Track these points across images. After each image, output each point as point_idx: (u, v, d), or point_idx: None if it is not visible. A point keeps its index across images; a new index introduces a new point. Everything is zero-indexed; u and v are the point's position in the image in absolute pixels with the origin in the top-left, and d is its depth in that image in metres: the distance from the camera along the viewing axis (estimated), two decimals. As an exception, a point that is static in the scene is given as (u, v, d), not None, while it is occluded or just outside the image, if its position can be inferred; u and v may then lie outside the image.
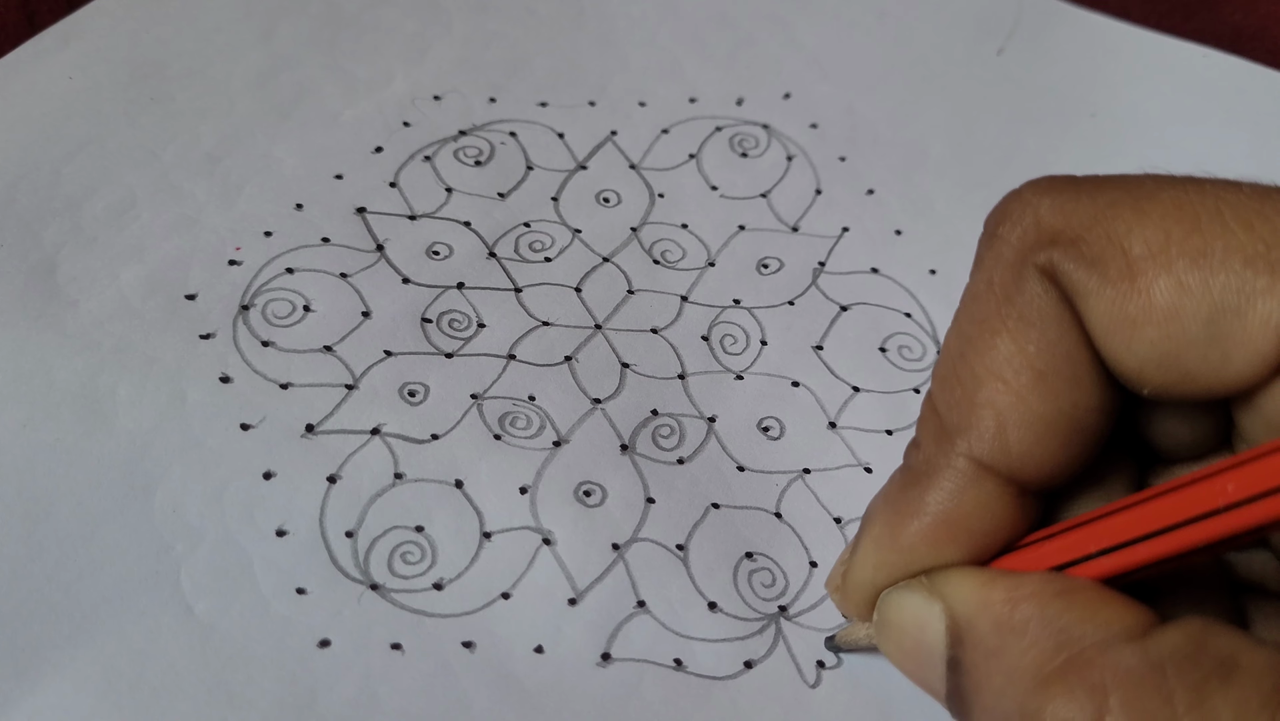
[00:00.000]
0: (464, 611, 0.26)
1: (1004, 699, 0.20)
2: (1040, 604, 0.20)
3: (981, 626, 0.20)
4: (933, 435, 0.22)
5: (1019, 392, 0.21)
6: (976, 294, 0.22)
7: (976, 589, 0.21)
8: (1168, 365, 0.20)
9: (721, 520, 0.28)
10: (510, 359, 0.30)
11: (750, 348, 0.31)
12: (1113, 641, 0.19)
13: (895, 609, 0.23)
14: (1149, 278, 0.20)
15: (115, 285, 0.29)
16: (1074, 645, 0.19)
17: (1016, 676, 0.20)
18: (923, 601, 0.22)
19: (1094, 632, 0.19)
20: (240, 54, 0.34)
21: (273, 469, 0.27)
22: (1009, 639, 0.20)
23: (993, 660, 0.20)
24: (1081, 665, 0.19)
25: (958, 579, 0.21)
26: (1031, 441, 0.21)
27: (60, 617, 0.24)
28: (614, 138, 0.35)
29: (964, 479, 0.22)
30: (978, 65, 0.38)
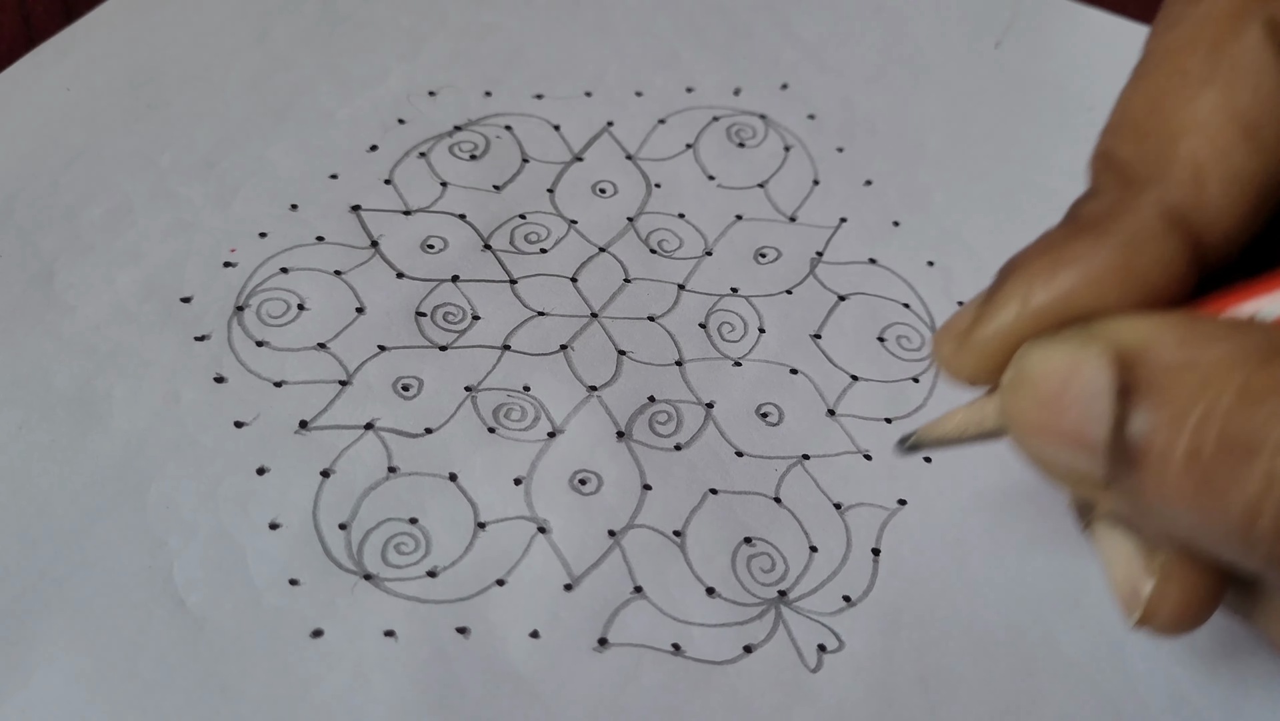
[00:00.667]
0: (458, 598, 0.26)
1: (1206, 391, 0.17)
2: (1226, 325, 0.18)
3: (1162, 347, 0.18)
4: (1114, 184, 0.21)
5: (1225, 145, 0.20)
6: (1174, 49, 0.21)
7: (1148, 321, 0.19)
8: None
9: (720, 506, 0.28)
10: (505, 349, 0.29)
11: (748, 335, 0.31)
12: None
13: (1043, 357, 0.20)
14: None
15: (112, 290, 0.29)
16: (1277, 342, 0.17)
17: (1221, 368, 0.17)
18: (1078, 345, 0.19)
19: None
20: (236, 56, 0.34)
21: (266, 464, 0.27)
22: (1198, 348, 0.18)
23: (1183, 372, 0.17)
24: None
25: (1120, 318, 0.19)
26: (1230, 196, 0.20)
27: (53, 612, 0.24)
28: (610, 128, 0.35)
29: (1149, 230, 0.20)
30: (975, 58, 0.38)
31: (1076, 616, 0.27)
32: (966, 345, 0.21)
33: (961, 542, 0.28)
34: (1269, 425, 0.16)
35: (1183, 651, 0.27)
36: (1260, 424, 0.16)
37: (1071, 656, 0.26)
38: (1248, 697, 0.26)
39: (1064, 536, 0.28)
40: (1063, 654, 0.26)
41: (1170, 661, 0.26)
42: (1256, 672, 0.27)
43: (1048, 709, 0.26)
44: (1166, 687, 0.26)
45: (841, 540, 0.28)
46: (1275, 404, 0.16)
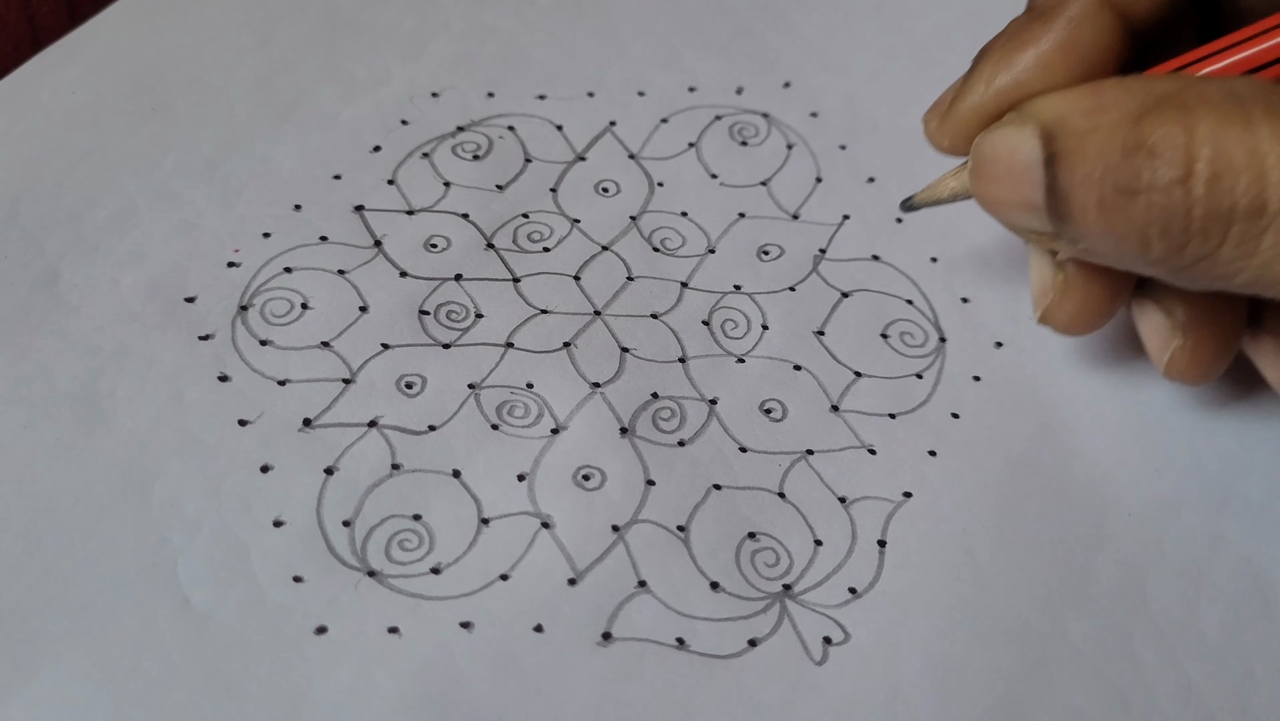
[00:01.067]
0: (462, 593, 0.26)
1: (1103, 154, 0.22)
2: (1125, 85, 0.22)
3: (1072, 117, 0.23)
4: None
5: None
6: None
7: (1064, 98, 0.23)
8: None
9: (723, 501, 0.28)
10: (508, 347, 0.29)
11: (751, 332, 0.31)
12: (1194, 83, 0.22)
13: (990, 144, 0.25)
14: None
15: (116, 291, 0.29)
16: (1159, 93, 0.22)
17: (1113, 130, 0.22)
18: (1014, 129, 0.24)
19: (1174, 84, 0.22)
20: (239, 59, 0.34)
21: (270, 462, 0.27)
22: (1099, 117, 0.22)
23: (1086, 138, 0.22)
24: (1169, 99, 0.21)
25: (1046, 99, 0.24)
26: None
27: (58, 609, 0.24)
28: (613, 128, 0.35)
29: (1085, 9, 0.25)
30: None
31: (1084, 607, 0.27)
32: (946, 121, 0.27)
33: (967, 533, 0.28)
34: (1143, 171, 0.21)
35: (1191, 641, 0.27)
36: (1137, 170, 0.21)
37: (1079, 647, 0.26)
38: (1255, 689, 0.26)
39: (1072, 528, 0.28)
40: (1070, 644, 0.26)
41: (1178, 652, 0.26)
42: (1264, 664, 0.26)
43: (1055, 699, 0.25)
44: (1174, 678, 0.26)
45: (846, 533, 0.28)
46: (1145, 154, 0.21)
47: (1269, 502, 0.29)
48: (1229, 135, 0.20)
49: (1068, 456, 0.29)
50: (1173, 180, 0.21)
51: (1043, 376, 0.31)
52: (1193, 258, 0.22)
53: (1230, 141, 0.20)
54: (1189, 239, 0.21)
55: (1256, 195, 0.20)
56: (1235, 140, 0.20)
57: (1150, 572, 0.27)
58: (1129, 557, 0.28)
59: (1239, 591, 0.27)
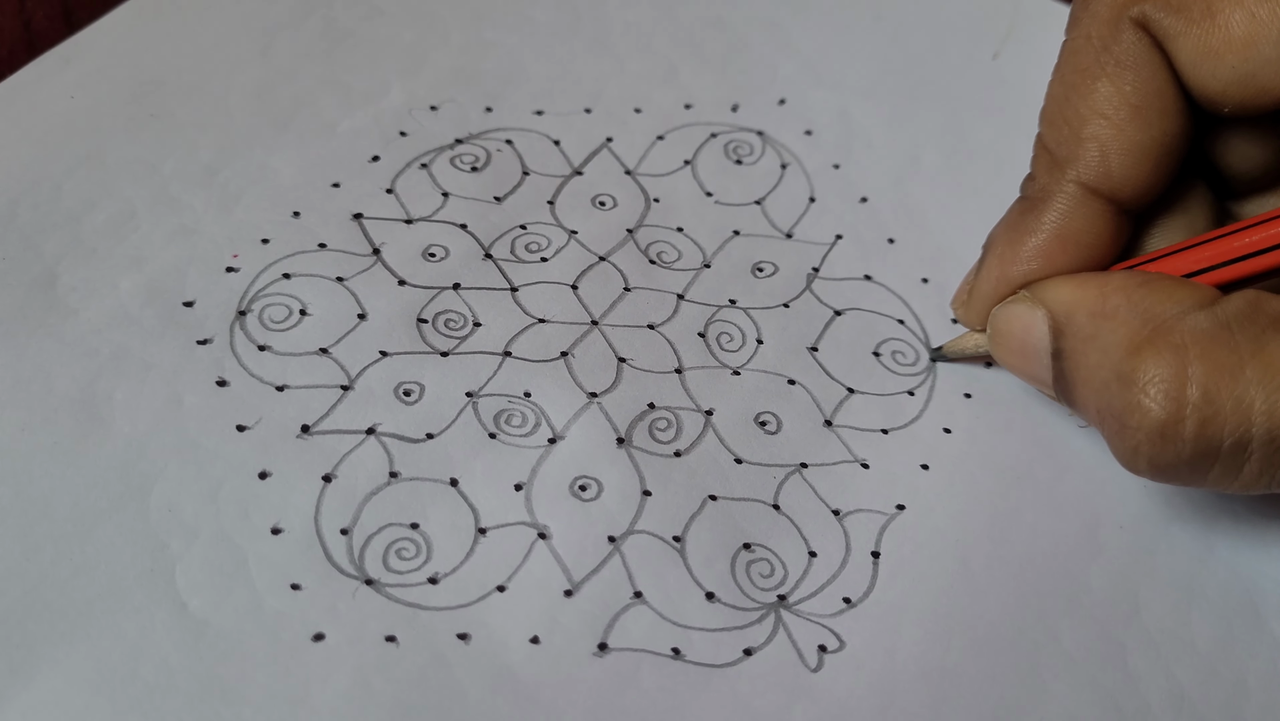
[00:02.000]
0: (459, 604, 0.26)
1: (1101, 370, 0.24)
2: (1126, 293, 0.24)
3: (1078, 318, 0.25)
4: (1045, 167, 0.27)
5: (1119, 126, 0.26)
6: (1076, 48, 0.27)
7: (1072, 289, 0.26)
8: (1246, 84, 0.25)
9: (719, 512, 0.28)
10: (506, 356, 0.30)
11: (746, 345, 0.31)
12: (1187, 311, 0.23)
13: (1005, 318, 0.27)
14: (1226, 14, 0.25)
15: (114, 294, 0.29)
16: (1156, 319, 0.23)
17: (1110, 350, 0.24)
18: (1027, 308, 0.26)
19: (1172, 308, 0.24)
20: (238, 69, 0.35)
21: (268, 469, 0.27)
22: (1102, 324, 0.24)
23: (1089, 342, 0.25)
24: (1164, 332, 0.23)
25: (1055, 284, 0.26)
26: (1130, 165, 0.26)
27: (55, 615, 0.24)
28: (610, 144, 0.35)
29: (1074, 200, 0.27)
30: (973, 70, 0.39)
31: (1077, 616, 0.27)
32: (968, 307, 0.29)
33: (961, 545, 0.28)
34: (1135, 408, 0.23)
35: (1183, 650, 0.27)
36: (1130, 405, 0.23)
37: (1073, 655, 0.27)
38: (1248, 698, 0.26)
39: (1065, 539, 0.28)
40: (1064, 653, 0.27)
41: (1170, 661, 0.27)
42: (1255, 674, 0.27)
43: (1049, 707, 0.26)
44: (1167, 686, 0.26)
45: (840, 544, 0.28)
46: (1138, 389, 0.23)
47: (1257, 518, 0.29)
48: (1219, 382, 0.22)
49: (1059, 471, 0.30)
50: (1163, 423, 0.23)
51: (1033, 395, 0.31)
52: (1177, 482, 0.24)
53: (1220, 388, 0.22)
54: (1177, 470, 0.23)
55: (1241, 436, 0.22)
56: (1225, 387, 0.22)
57: (1142, 583, 0.28)
58: (1121, 568, 0.28)
59: (1230, 602, 0.28)
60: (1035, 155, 0.28)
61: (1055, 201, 0.27)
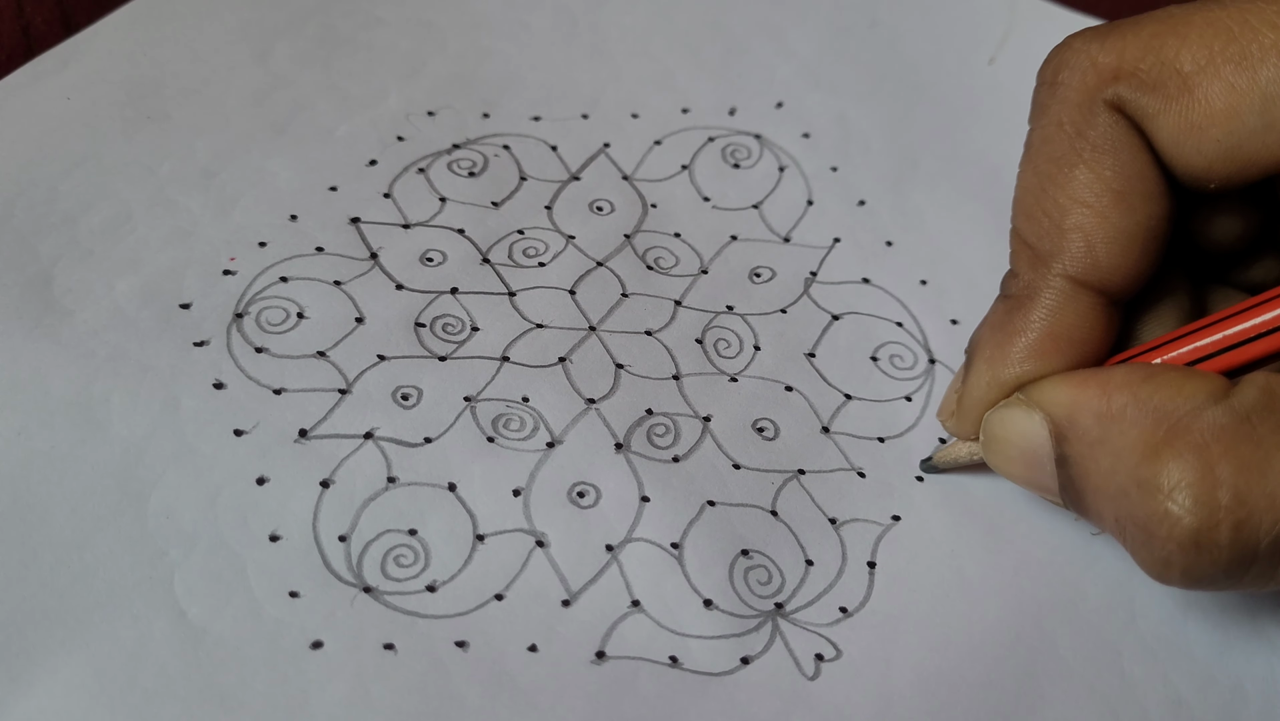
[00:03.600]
0: (457, 612, 0.26)
1: (1116, 476, 0.22)
2: (1132, 389, 0.23)
3: (1083, 421, 0.23)
4: (1028, 263, 0.26)
5: (1102, 213, 0.25)
6: (1047, 136, 0.25)
7: (1072, 389, 0.24)
8: (1232, 156, 0.24)
9: (717, 518, 0.28)
10: (504, 361, 0.30)
11: (744, 352, 0.31)
12: (1203, 407, 0.22)
13: (999, 424, 0.26)
14: (1204, 88, 0.24)
15: (110, 296, 0.29)
16: (1170, 417, 0.22)
17: (1124, 454, 0.22)
18: (1023, 413, 0.25)
19: (1185, 404, 0.22)
20: (236, 73, 0.34)
21: (266, 474, 0.27)
22: (1110, 426, 0.23)
23: (1098, 447, 0.23)
24: (1182, 432, 0.22)
25: (1052, 385, 0.24)
26: (1117, 254, 0.25)
27: (53, 622, 0.24)
28: (607, 150, 0.35)
29: (1061, 296, 0.25)
30: (969, 74, 0.39)
31: (1074, 623, 0.27)
32: (958, 416, 0.27)
33: (957, 554, 0.28)
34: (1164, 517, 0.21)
35: (1180, 656, 0.27)
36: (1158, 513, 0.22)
37: (1070, 662, 0.27)
38: (1245, 704, 0.27)
39: (1060, 547, 0.29)
40: (1061, 660, 0.27)
41: (1168, 667, 0.27)
42: (1253, 678, 0.27)
43: (1046, 714, 0.26)
44: (1164, 692, 0.27)
45: (837, 554, 0.28)
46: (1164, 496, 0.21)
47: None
48: (1249, 480, 0.21)
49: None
50: (1196, 531, 0.21)
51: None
52: (1213, 587, 0.22)
53: (1251, 486, 0.21)
54: (1214, 578, 0.22)
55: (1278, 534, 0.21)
56: (1256, 485, 0.21)
57: (1139, 590, 0.28)
58: (1118, 575, 0.28)
59: (1226, 608, 0.28)
60: (1014, 251, 0.27)
61: (1043, 298, 0.25)
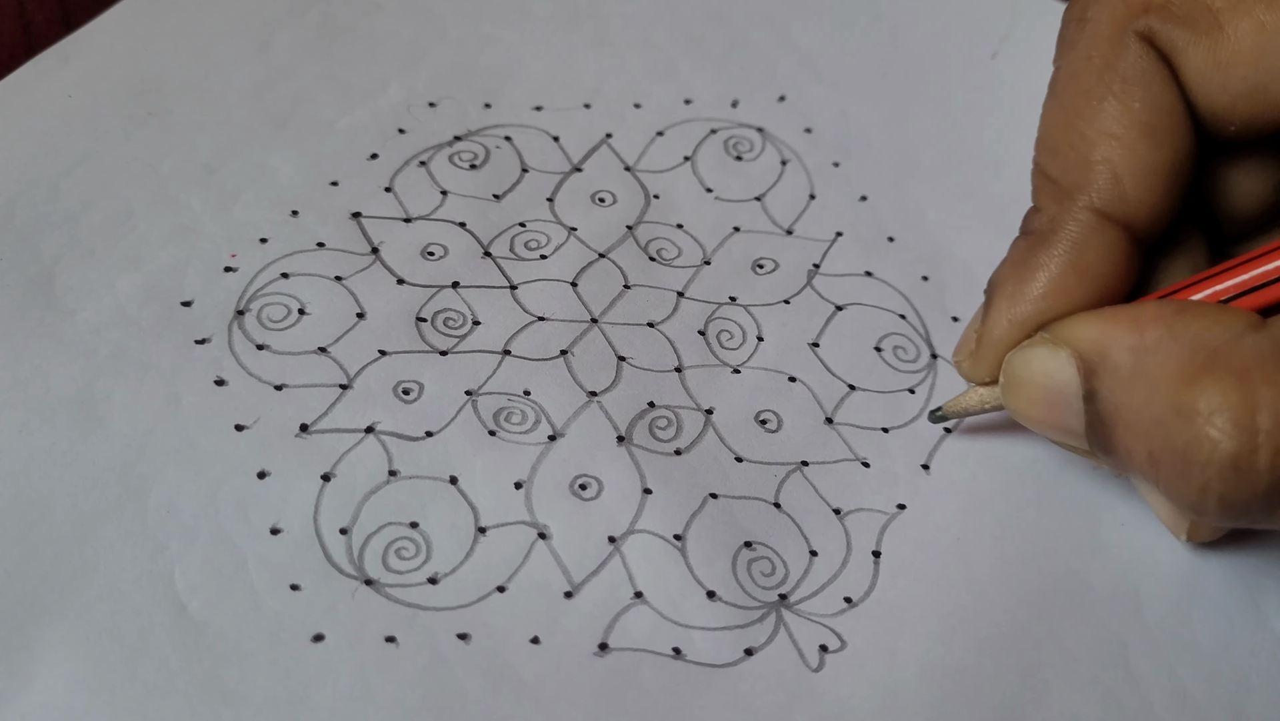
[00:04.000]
0: (459, 605, 0.26)
1: (1151, 406, 0.22)
2: (1165, 323, 0.22)
3: (1115, 354, 0.23)
4: (1052, 198, 0.25)
5: (1131, 146, 0.24)
6: (1075, 71, 0.25)
7: (1101, 325, 0.23)
8: (1256, 96, 0.24)
9: (720, 510, 0.28)
10: (505, 354, 0.30)
11: (747, 343, 0.31)
12: (1241, 336, 0.21)
13: (1022, 365, 0.25)
14: (1234, 24, 0.24)
15: (112, 294, 0.29)
16: (1208, 346, 0.21)
17: (1161, 384, 0.21)
18: (1048, 352, 0.24)
19: (1222, 333, 0.21)
20: (237, 66, 0.34)
21: (267, 468, 0.27)
22: (1145, 357, 0.22)
23: (1132, 379, 0.22)
24: (1221, 359, 0.21)
25: (1079, 323, 0.24)
26: (1145, 188, 0.24)
27: (55, 616, 0.24)
28: (609, 140, 0.35)
29: (1088, 229, 0.25)
30: (972, 68, 0.38)
31: (1079, 614, 0.27)
32: (975, 359, 0.27)
33: (962, 543, 0.28)
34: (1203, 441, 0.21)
35: (1185, 649, 0.27)
36: (1196, 439, 0.21)
37: (1074, 653, 0.26)
38: (1250, 696, 0.26)
39: (1066, 537, 0.28)
40: (1066, 651, 0.26)
41: (1173, 658, 0.27)
42: (1258, 671, 0.27)
43: (1051, 706, 0.26)
44: (1169, 685, 0.26)
45: (841, 544, 0.28)
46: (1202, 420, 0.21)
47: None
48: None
49: (1060, 469, 0.29)
50: (1236, 455, 0.21)
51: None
52: (1249, 520, 0.22)
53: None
54: (1250, 507, 0.21)
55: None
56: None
57: (1144, 581, 0.28)
58: (1123, 566, 0.28)
59: (1231, 600, 0.28)
60: (1036, 187, 0.26)
61: (1067, 231, 0.25)
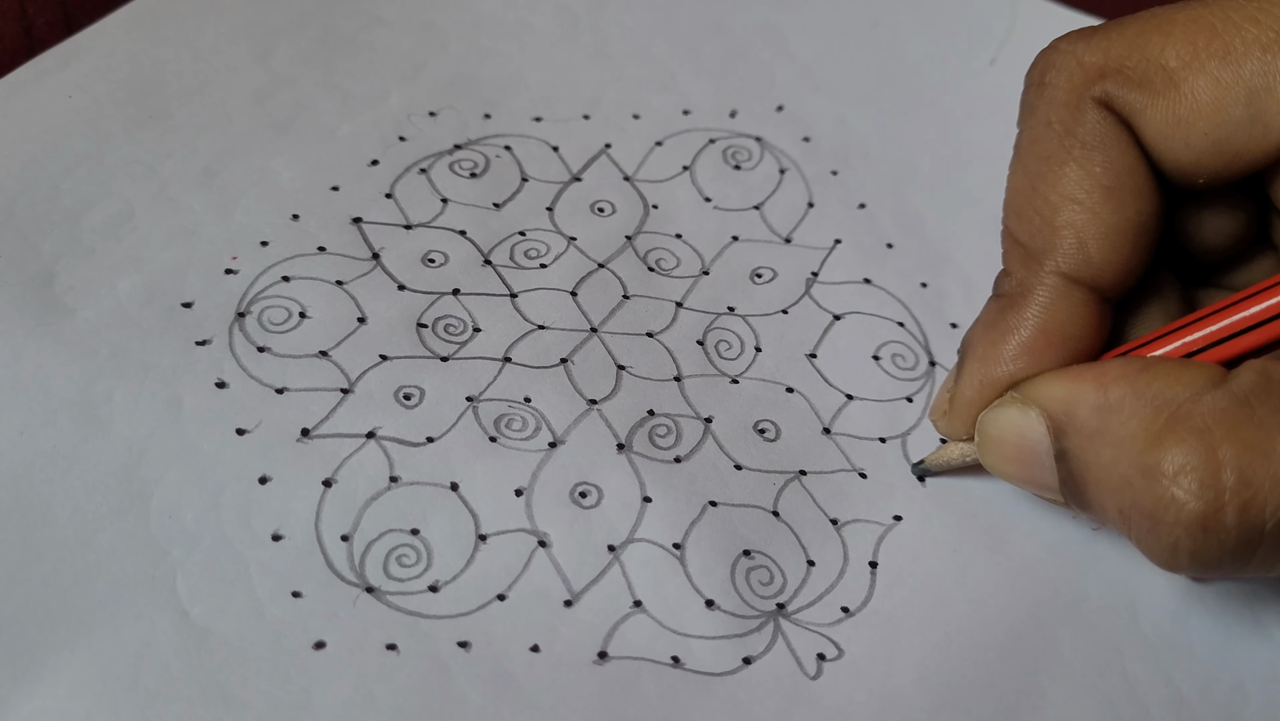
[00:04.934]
0: (459, 613, 0.26)
1: (1118, 466, 0.23)
2: (1129, 381, 0.23)
3: (1080, 414, 0.24)
4: (1020, 262, 0.26)
5: (1093, 209, 0.25)
6: (1036, 136, 0.26)
7: (1067, 385, 0.24)
8: (1219, 150, 0.24)
9: (719, 518, 0.28)
10: (506, 362, 0.30)
11: (745, 353, 0.31)
12: (1201, 393, 0.22)
13: (994, 424, 0.26)
14: (1190, 83, 0.24)
15: (112, 294, 0.29)
16: (1170, 405, 0.22)
17: (1126, 444, 0.22)
18: (1018, 411, 0.25)
19: (1184, 391, 0.22)
20: (238, 73, 0.34)
21: (268, 473, 0.27)
22: (1109, 416, 0.23)
23: (1098, 438, 0.23)
24: (1183, 418, 0.22)
25: (1047, 381, 0.25)
26: (1109, 250, 0.25)
27: (56, 621, 0.24)
28: (608, 150, 0.35)
29: (1055, 293, 0.26)
30: (970, 75, 0.39)
31: (1076, 622, 0.27)
32: (950, 416, 0.28)
33: (959, 553, 0.28)
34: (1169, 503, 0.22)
35: (1182, 656, 0.27)
36: (1162, 500, 0.22)
37: (1071, 661, 0.27)
38: (1247, 702, 0.27)
39: (1062, 547, 0.29)
40: (1062, 658, 0.27)
41: (1169, 665, 0.27)
42: (1254, 677, 0.27)
43: (1048, 713, 0.26)
44: (1166, 692, 0.27)
45: (839, 554, 0.28)
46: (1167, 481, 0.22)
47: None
48: (1253, 461, 0.21)
49: (1056, 480, 0.30)
50: (1203, 515, 0.21)
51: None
52: (1220, 573, 0.23)
53: (1255, 468, 0.21)
54: (1221, 562, 0.22)
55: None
56: (1260, 466, 0.21)
57: (1140, 589, 0.28)
58: (1119, 575, 0.28)
59: (1227, 607, 0.28)
60: (1006, 251, 0.27)
61: (1036, 295, 0.26)
